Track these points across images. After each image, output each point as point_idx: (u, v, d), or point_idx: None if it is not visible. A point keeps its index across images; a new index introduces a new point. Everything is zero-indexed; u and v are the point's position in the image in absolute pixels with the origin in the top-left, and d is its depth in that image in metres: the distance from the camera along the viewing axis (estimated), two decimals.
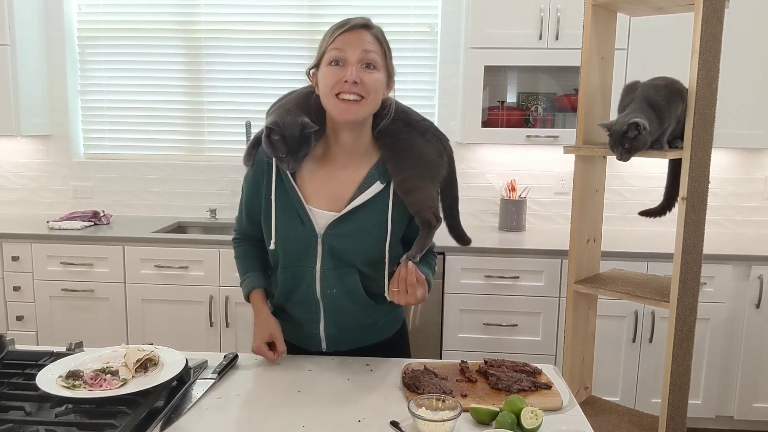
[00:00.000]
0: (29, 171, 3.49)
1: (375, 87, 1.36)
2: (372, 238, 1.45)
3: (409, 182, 1.42)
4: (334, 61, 1.35)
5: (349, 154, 1.45)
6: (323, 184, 1.45)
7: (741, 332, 2.80)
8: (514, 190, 3.22)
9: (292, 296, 1.51)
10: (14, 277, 2.95)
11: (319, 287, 1.47)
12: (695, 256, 1.83)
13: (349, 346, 1.56)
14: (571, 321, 2.04)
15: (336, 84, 1.34)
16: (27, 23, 3.19)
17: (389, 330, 1.62)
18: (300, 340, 1.57)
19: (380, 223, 1.44)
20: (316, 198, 1.45)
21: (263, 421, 1.21)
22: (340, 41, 1.35)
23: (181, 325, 2.93)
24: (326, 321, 1.52)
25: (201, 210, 3.45)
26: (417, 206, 1.41)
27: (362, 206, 1.43)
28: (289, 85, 3.50)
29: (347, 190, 1.44)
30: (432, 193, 1.43)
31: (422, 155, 1.43)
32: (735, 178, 3.27)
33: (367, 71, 1.35)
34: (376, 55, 1.37)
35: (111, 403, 1.19)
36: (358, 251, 1.44)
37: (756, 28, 2.82)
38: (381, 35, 1.40)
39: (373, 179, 1.44)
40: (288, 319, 1.56)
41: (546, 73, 3.18)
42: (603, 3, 1.92)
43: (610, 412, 2.05)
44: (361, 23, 1.37)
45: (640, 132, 1.68)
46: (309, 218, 1.43)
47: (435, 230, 1.44)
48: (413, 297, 1.37)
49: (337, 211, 1.43)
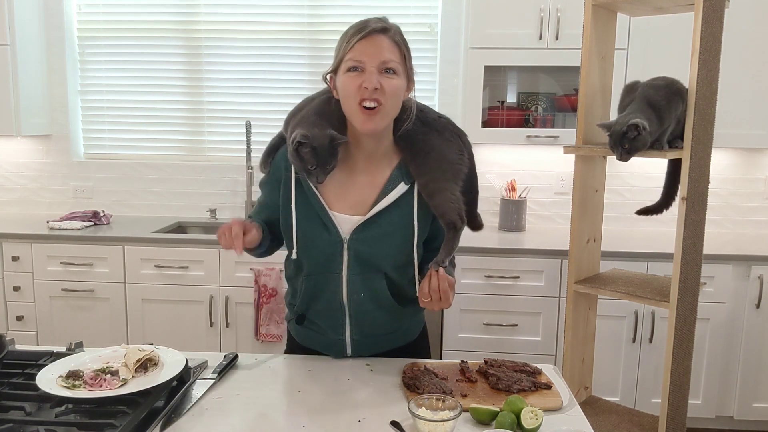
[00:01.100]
0: (29, 171, 3.49)
1: (394, 93, 1.35)
2: (398, 240, 1.44)
3: (431, 185, 1.40)
4: (353, 68, 1.34)
5: (370, 158, 1.44)
6: (345, 189, 1.44)
7: (741, 332, 2.80)
8: (514, 190, 3.22)
9: (315, 303, 1.50)
10: (14, 277, 2.95)
11: (346, 293, 1.46)
12: (695, 256, 1.83)
13: (373, 352, 1.55)
14: (571, 321, 2.04)
15: (356, 91, 1.33)
16: (27, 23, 3.19)
17: (412, 334, 1.62)
18: (324, 347, 1.56)
19: (406, 224, 1.44)
20: (338, 203, 1.43)
21: (263, 420, 1.21)
22: (358, 49, 1.33)
23: (181, 325, 2.93)
24: (352, 327, 1.50)
25: (201, 210, 3.45)
26: (441, 209, 1.40)
27: (386, 209, 1.42)
28: (289, 85, 3.51)
29: (370, 194, 1.43)
30: (455, 193, 1.42)
31: (443, 156, 1.42)
32: (735, 178, 3.27)
33: (386, 76, 1.34)
34: (395, 62, 1.35)
35: (111, 403, 1.19)
36: (385, 255, 1.43)
37: (756, 28, 2.82)
38: (399, 37, 1.38)
39: (396, 181, 1.43)
40: (311, 327, 1.55)
41: (546, 73, 3.18)
42: (603, 3, 1.92)
43: (610, 412, 2.05)
44: (379, 27, 1.34)
45: (640, 132, 1.68)
46: (333, 224, 1.42)
47: (461, 232, 1.42)
48: (446, 303, 1.36)
49: (360, 216, 1.42)
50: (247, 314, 2.89)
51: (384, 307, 1.48)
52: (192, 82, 3.42)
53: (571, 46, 2.82)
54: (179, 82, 3.42)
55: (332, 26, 3.27)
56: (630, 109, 1.76)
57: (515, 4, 2.86)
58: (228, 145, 3.46)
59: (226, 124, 3.44)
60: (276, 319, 2.83)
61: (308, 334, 1.55)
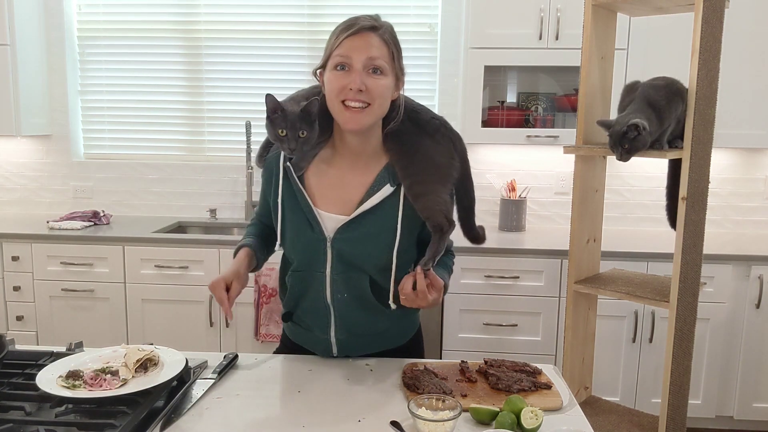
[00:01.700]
0: (29, 171, 3.49)
1: (381, 93, 1.33)
2: (382, 242, 1.41)
3: (417, 187, 1.37)
4: (339, 66, 1.33)
5: (358, 156, 1.43)
6: (332, 187, 1.43)
7: (741, 332, 2.80)
8: (514, 190, 3.22)
9: (302, 301, 1.50)
10: (14, 277, 2.95)
11: (330, 292, 1.45)
12: (695, 256, 1.83)
13: (361, 353, 1.53)
14: (571, 321, 2.04)
15: (341, 90, 1.32)
16: (27, 23, 3.19)
17: (403, 337, 1.59)
18: (311, 344, 1.55)
19: (390, 227, 1.41)
20: (324, 201, 1.42)
21: (263, 420, 1.21)
22: (345, 46, 1.32)
23: (181, 325, 2.93)
24: (337, 326, 1.48)
25: (201, 210, 3.45)
26: (427, 211, 1.37)
27: (372, 210, 1.40)
28: (289, 85, 3.51)
29: (356, 193, 1.41)
30: (443, 196, 1.39)
31: (430, 158, 1.39)
32: (735, 178, 3.27)
33: (373, 77, 1.32)
34: (383, 61, 1.33)
35: (111, 403, 1.19)
36: (368, 256, 1.41)
37: (756, 28, 2.82)
38: (389, 35, 1.36)
39: (383, 182, 1.40)
40: (299, 323, 1.55)
41: (546, 73, 3.18)
42: (603, 3, 1.92)
43: (610, 412, 2.05)
44: (368, 25, 1.33)
45: (640, 133, 1.68)
46: (318, 222, 1.41)
47: (448, 235, 1.39)
48: (424, 301, 1.32)
49: (346, 215, 1.40)
50: (247, 314, 2.89)
51: (367, 308, 1.46)
52: (192, 82, 3.42)
53: (571, 46, 2.82)
54: (179, 82, 3.42)
55: (332, 26, 3.21)
56: (630, 109, 1.76)
57: (515, 4, 2.86)
58: (228, 145, 3.46)
59: (226, 124, 3.44)
60: (276, 319, 2.83)
61: (297, 330, 1.55)
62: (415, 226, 1.44)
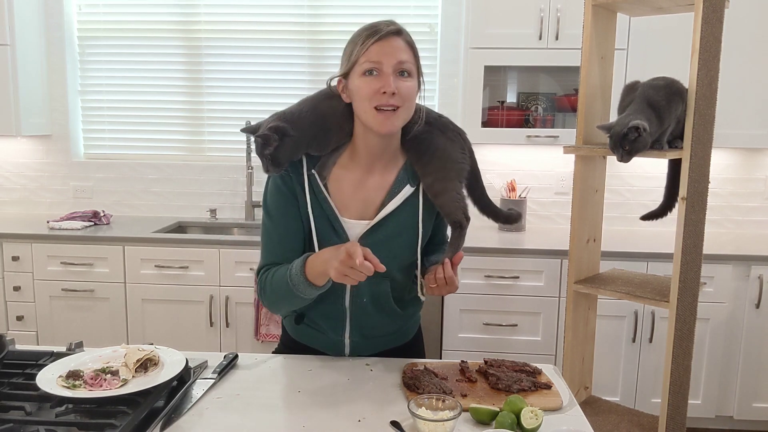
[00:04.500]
0: (29, 171, 3.49)
1: (410, 95, 1.36)
2: (404, 242, 1.45)
3: (437, 185, 1.42)
4: (369, 72, 1.33)
5: (380, 159, 1.44)
6: (353, 191, 1.44)
7: (741, 332, 2.80)
8: (514, 190, 3.22)
9: (318, 306, 1.49)
10: (14, 277, 2.95)
11: (349, 297, 1.47)
12: (695, 256, 1.83)
13: (371, 352, 1.56)
14: (571, 321, 2.04)
15: (374, 95, 1.33)
16: (27, 23, 3.19)
17: (408, 335, 1.64)
18: (322, 345, 1.56)
19: (412, 225, 1.45)
20: (347, 208, 1.43)
21: (263, 420, 1.21)
22: (374, 51, 1.33)
23: (181, 325, 2.93)
24: (351, 329, 1.51)
25: (201, 210, 3.45)
26: (447, 208, 1.42)
27: (394, 211, 1.42)
28: (289, 85, 3.50)
29: (377, 196, 1.44)
30: (460, 192, 1.44)
31: (447, 155, 1.43)
32: (735, 178, 3.27)
33: (401, 79, 1.34)
34: (410, 64, 1.36)
35: (111, 403, 1.19)
36: (392, 257, 1.42)
37: (756, 28, 2.82)
38: (410, 39, 1.40)
39: (402, 183, 1.43)
40: (311, 325, 1.55)
41: (546, 73, 3.18)
42: (603, 3, 1.92)
43: (610, 412, 2.05)
44: (393, 30, 1.35)
45: (641, 134, 1.68)
46: (343, 229, 1.42)
47: (466, 230, 1.44)
48: (453, 287, 1.40)
49: (368, 218, 1.42)
50: (247, 314, 2.89)
51: (385, 311, 1.50)
52: (192, 82, 3.42)
53: (571, 46, 2.82)
54: (179, 82, 3.42)
55: (332, 26, 3.27)
56: (630, 110, 1.75)
57: (515, 4, 2.86)
58: (228, 145, 3.46)
59: (226, 124, 3.44)
60: (276, 319, 2.83)
61: (307, 331, 1.55)
62: (431, 220, 1.50)
